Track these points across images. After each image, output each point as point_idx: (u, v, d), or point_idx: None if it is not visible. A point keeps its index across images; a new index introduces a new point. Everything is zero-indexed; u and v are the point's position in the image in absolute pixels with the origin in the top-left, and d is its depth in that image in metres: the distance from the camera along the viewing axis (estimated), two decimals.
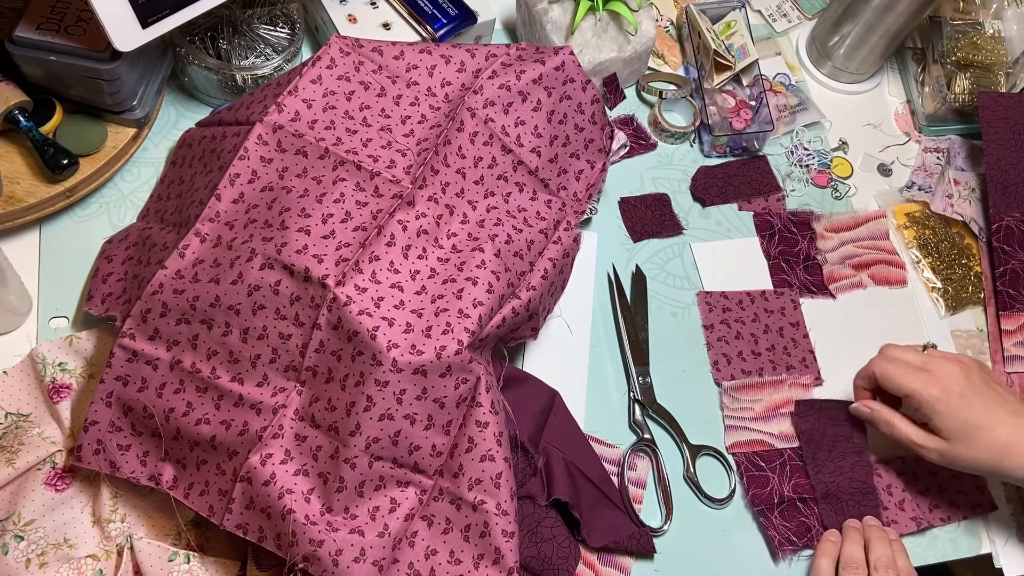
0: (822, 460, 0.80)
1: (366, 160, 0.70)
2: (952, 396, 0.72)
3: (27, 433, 0.70)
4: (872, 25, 0.96)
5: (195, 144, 0.78)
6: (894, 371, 0.75)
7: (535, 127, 0.77)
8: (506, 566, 0.65)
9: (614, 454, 0.78)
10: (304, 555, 0.62)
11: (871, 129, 1.02)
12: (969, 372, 0.74)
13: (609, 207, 0.91)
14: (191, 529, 0.69)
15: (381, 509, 0.65)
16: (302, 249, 0.65)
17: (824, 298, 0.90)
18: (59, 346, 0.73)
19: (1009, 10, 1.04)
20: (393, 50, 0.77)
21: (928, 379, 0.73)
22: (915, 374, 0.74)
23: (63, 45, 0.74)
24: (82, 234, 0.80)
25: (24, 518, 0.67)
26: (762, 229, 0.92)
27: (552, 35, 0.89)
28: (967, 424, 0.71)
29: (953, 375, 0.73)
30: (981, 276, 0.94)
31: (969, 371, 0.74)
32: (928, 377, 0.73)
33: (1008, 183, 0.94)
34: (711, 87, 0.96)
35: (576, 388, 0.81)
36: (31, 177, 0.77)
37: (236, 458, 0.64)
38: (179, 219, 0.73)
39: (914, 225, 0.96)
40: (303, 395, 0.66)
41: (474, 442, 0.66)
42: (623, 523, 0.74)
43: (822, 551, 0.75)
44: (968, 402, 0.72)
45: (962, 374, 0.73)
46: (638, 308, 0.85)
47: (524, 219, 0.74)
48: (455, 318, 0.65)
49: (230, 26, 0.86)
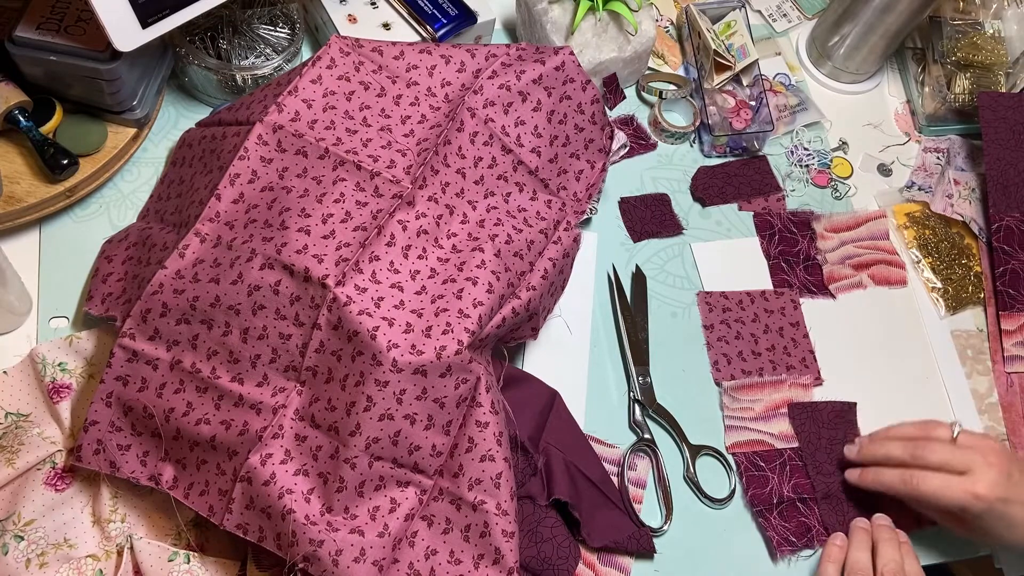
0: (821, 461, 0.80)
1: (366, 160, 0.70)
2: (996, 504, 0.70)
3: (27, 433, 0.70)
4: (872, 25, 0.96)
5: (195, 144, 0.78)
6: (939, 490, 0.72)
7: (535, 127, 0.77)
8: (506, 566, 0.65)
9: (614, 454, 0.78)
10: (304, 555, 0.62)
11: (871, 129, 1.02)
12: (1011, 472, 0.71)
13: (609, 207, 0.91)
14: (191, 529, 0.69)
15: (381, 509, 0.65)
16: (302, 249, 0.65)
17: (824, 298, 0.90)
18: (59, 346, 0.73)
19: (1009, 10, 1.04)
20: (393, 50, 0.77)
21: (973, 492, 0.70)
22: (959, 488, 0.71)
23: (63, 45, 0.74)
24: (82, 234, 0.80)
25: (24, 518, 0.67)
26: (762, 229, 0.92)
27: (552, 35, 0.89)
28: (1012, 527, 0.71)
29: (993, 480, 0.70)
30: (981, 276, 0.94)
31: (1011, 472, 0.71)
32: (972, 487, 0.71)
33: (1008, 183, 0.94)
34: (711, 87, 0.96)
35: (576, 388, 0.81)
36: (31, 177, 0.77)
37: (236, 458, 0.64)
38: (179, 219, 0.73)
39: (914, 225, 0.96)
40: (303, 395, 0.66)
41: (474, 442, 0.66)
42: (623, 523, 0.74)
43: (828, 556, 0.74)
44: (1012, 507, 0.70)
45: (1004, 476, 0.71)
46: (638, 308, 0.85)
47: (524, 219, 0.74)
48: (455, 318, 0.65)
49: (230, 26, 0.86)
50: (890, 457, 0.75)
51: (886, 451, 0.76)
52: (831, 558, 0.74)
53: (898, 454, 0.75)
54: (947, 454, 0.73)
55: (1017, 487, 0.71)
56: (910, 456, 0.74)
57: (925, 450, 0.73)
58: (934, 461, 0.73)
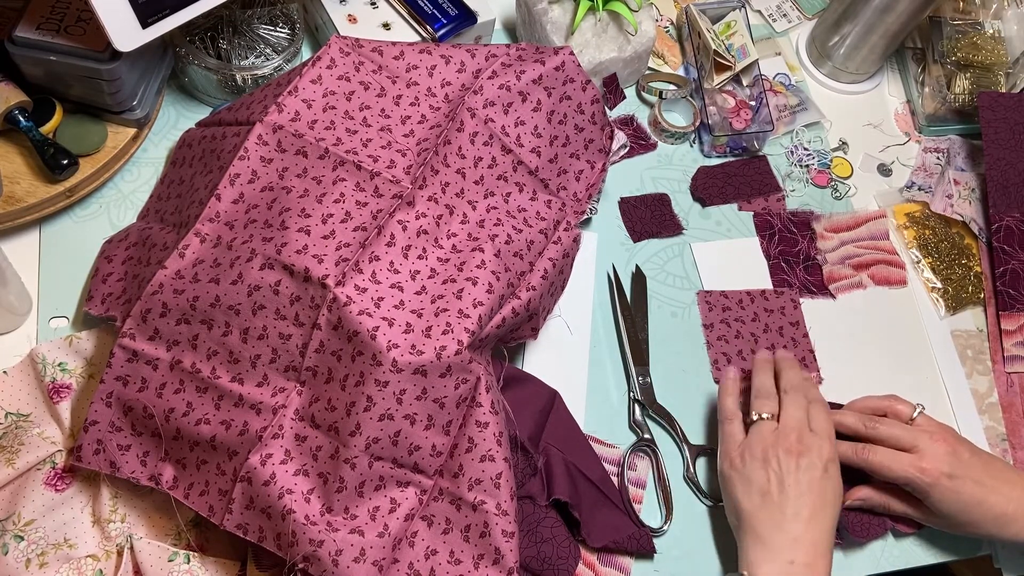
0: None
1: (366, 160, 0.71)
2: (943, 479, 0.71)
3: (27, 433, 0.70)
4: (872, 25, 0.96)
5: (195, 144, 0.78)
6: (886, 462, 0.73)
7: (535, 127, 0.77)
8: (506, 566, 0.65)
9: (614, 454, 0.78)
10: (304, 555, 0.62)
11: (871, 129, 1.02)
12: (957, 450, 0.73)
13: (609, 207, 0.91)
14: (191, 529, 0.69)
15: (381, 509, 0.65)
16: (302, 249, 0.65)
17: (824, 298, 0.90)
18: (59, 346, 0.73)
19: (1009, 10, 1.04)
20: (393, 50, 0.77)
21: (919, 466, 0.72)
22: (907, 461, 0.72)
23: (63, 45, 0.74)
24: (82, 234, 0.80)
25: (24, 518, 0.67)
26: (762, 229, 0.92)
27: (552, 35, 0.89)
28: (960, 503, 0.72)
29: (940, 456, 0.72)
30: (981, 276, 0.94)
31: (956, 450, 0.73)
32: (918, 462, 0.72)
33: (1008, 183, 0.94)
34: (711, 87, 0.96)
35: (576, 388, 0.81)
36: (31, 177, 0.77)
37: (236, 458, 0.64)
38: (179, 219, 0.73)
39: (914, 225, 0.96)
40: (303, 395, 0.66)
41: (474, 442, 0.66)
42: (623, 523, 0.74)
43: (725, 390, 0.77)
44: (958, 483, 0.71)
45: (949, 454, 0.72)
46: (638, 308, 0.85)
47: (524, 219, 0.74)
48: (455, 318, 0.65)
49: (230, 26, 0.86)
50: (843, 425, 0.76)
51: (839, 419, 0.77)
52: (728, 391, 0.76)
53: (851, 423, 0.76)
54: (898, 430, 0.74)
55: (965, 465, 0.72)
56: (863, 427, 0.75)
57: (878, 423, 0.75)
58: (884, 434, 0.74)
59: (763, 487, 0.70)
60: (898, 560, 0.79)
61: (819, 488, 0.69)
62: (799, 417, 0.72)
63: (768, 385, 0.76)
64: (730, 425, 0.75)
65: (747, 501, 0.70)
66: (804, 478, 0.69)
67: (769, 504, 0.69)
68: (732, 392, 0.77)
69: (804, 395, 0.74)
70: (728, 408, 0.76)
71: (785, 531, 0.68)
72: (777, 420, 0.73)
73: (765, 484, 0.70)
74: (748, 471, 0.71)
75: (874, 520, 0.77)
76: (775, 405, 0.74)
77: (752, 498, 0.70)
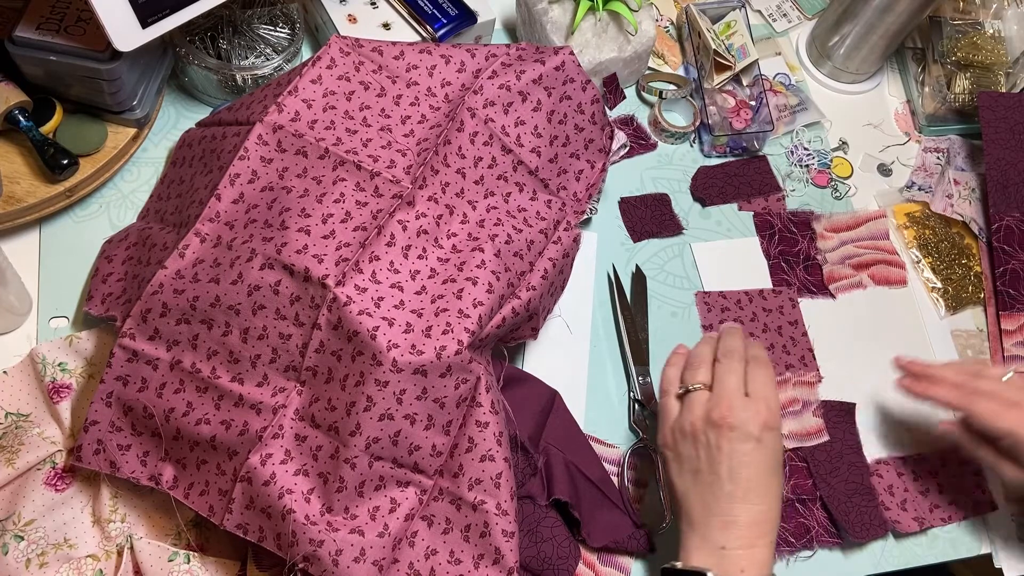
0: (819, 460, 0.80)
1: (366, 160, 0.71)
2: None
3: (27, 433, 0.70)
4: (872, 25, 0.96)
5: (195, 144, 0.78)
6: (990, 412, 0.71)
7: (535, 127, 0.77)
8: (506, 566, 0.65)
9: (614, 454, 0.78)
10: (304, 555, 0.62)
11: (871, 129, 1.02)
12: None
13: (609, 207, 0.91)
14: (191, 529, 0.69)
15: (381, 509, 0.65)
16: (302, 249, 0.65)
17: (824, 298, 0.90)
18: (59, 346, 0.73)
19: (1009, 10, 1.04)
20: (393, 50, 0.77)
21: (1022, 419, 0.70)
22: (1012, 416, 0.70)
23: (63, 45, 0.74)
24: (82, 234, 0.80)
25: (24, 518, 0.67)
26: (762, 229, 0.92)
27: (552, 35, 0.89)
28: None
29: None
30: (981, 276, 0.94)
31: None
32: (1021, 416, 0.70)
33: (1008, 183, 0.94)
34: (711, 87, 0.96)
35: (576, 388, 0.81)
36: (31, 177, 0.77)
37: (236, 458, 0.64)
38: (179, 219, 0.73)
39: (914, 225, 0.96)
40: (303, 395, 0.66)
41: (474, 442, 0.66)
42: (623, 523, 0.74)
43: (670, 362, 0.71)
44: None
45: None
46: (638, 308, 0.85)
47: (524, 219, 0.74)
48: (455, 318, 0.65)
49: (230, 26, 0.86)
50: (943, 377, 0.74)
51: (940, 372, 0.75)
52: (673, 363, 0.71)
53: (952, 376, 0.74)
54: (999, 386, 0.72)
55: None
56: (962, 380, 0.73)
57: (978, 379, 0.73)
58: (986, 388, 0.72)
59: (694, 465, 0.65)
60: (898, 560, 0.79)
61: (752, 460, 0.63)
62: (731, 383, 0.66)
63: (704, 353, 0.69)
64: (666, 398, 0.69)
65: (680, 482, 0.66)
66: (735, 451, 0.63)
67: (700, 484, 0.64)
68: (675, 363, 0.71)
69: (740, 358, 0.68)
70: (666, 378, 0.70)
71: (716, 513, 0.63)
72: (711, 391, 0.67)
73: (695, 462, 0.64)
74: (680, 449, 0.66)
75: (874, 520, 0.77)
76: (708, 374, 0.68)
77: (684, 478, 0.65)
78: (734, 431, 0.63)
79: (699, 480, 0.64)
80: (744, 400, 0.65)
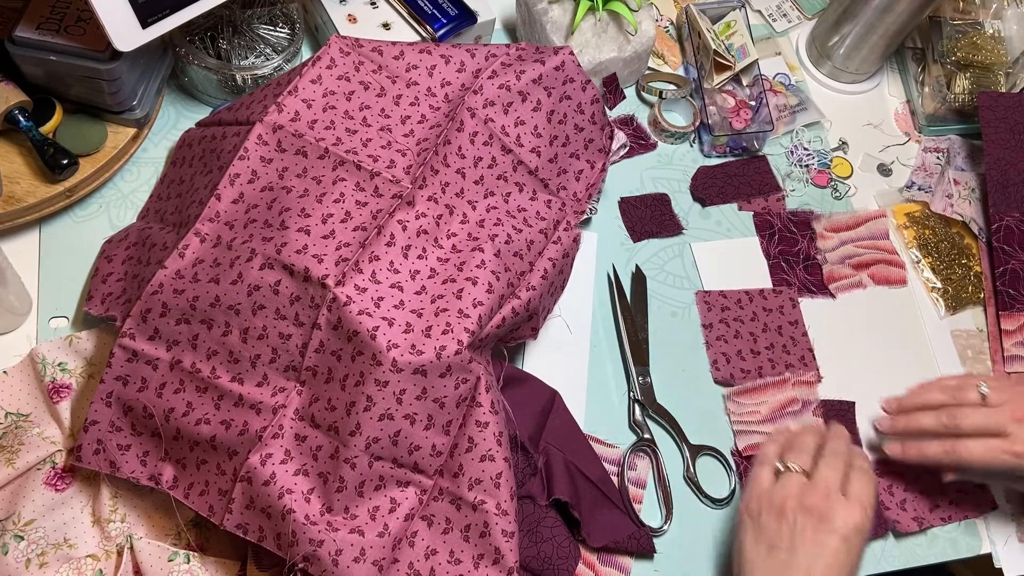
0: None
1: (366, 160, 0.71)
2: None
3: (27, 433, 0.70)
4: (872, 25, 0.96)
5: (195, 144, 0.78)
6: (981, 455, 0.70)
7: (535, 127, 0.77)
8: (506, 566, 0.65)
9: (614, 454, 0.78)
10: (304, 555, 0.62)
11: (871, 129, 1.02)
12: None
13: (609, 207, 0.91)
14: (191, 529, 0.69)
15: (381, 509, 0.65)
16: (302, 249, 0.65)
17: (824, 298, 0.90)
18: (59, 346, 0.73)
19: (1009, 10, 1.04)
20: (393, 50, 0.77)
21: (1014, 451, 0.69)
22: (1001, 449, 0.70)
23: (63, 45, 0.74)
24: (82, 234, 0.80)
25: (24, 518, 0.67)
26: (762, 229, 0.92)
27: (552, 35, 0.89)
28: None
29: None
30: (981, 276, 0.94)
31: None
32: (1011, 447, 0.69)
33: (1008, 183, 0.94)
34: (711, 87, 0.96)
35: (576, 388, 0.81)
36: (31, 177, 0.77)
37: (236, 458, 0.64)
38: (179, 219, 0.73)
39: (914, 225, 0.96)
40: (303, 395, 0.66)
41: (474, 442, 0.66)
42: (623, 523, 0.74)
43: (772, 438, 0.72)
44: None
45: None
46: (638, 308, 0.85)
47: (524, 219, 0.74)
48: (455, 318, 0.65)
49: (230, 26, 0.86)
50: (924, 429, 0.74)
51: (919, 424, 0.74)
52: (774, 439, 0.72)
53: (931, 424, 0.74)
54: (980, 419, 0.71)
55: None
56: (943, 426, 0.73)
57: (957, 418, 0.72)
58: (968, 426, 0.71)
59: (773, 540, 0.65)
60: (898, 560, 0.79)
61: (835, 560, 0.63)
62: (832, 478, 0.66)
63: (807, 442, 0.70)
64: (759, 469, 0.70)
65: (753, 551, 0.66)
66: (821, 543, 0.63)
67: (773, 561, 0.64)
68: (777, 440, 0.72)
69: (845, 462, 0.68)
70: (765, 452, 0.71)
71: None
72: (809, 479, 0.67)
73: (775, 538, 0.65)
74: (763, 520, 0.66)
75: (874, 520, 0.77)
76: (810, 462, 0.68)
77: (759, 549, 0.65)
78: (824, 523, 0.64)
79: (773, 556, 0.64)
80: (841, 498, 0.65)
